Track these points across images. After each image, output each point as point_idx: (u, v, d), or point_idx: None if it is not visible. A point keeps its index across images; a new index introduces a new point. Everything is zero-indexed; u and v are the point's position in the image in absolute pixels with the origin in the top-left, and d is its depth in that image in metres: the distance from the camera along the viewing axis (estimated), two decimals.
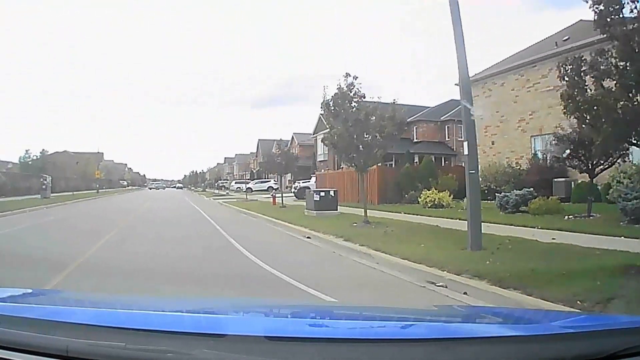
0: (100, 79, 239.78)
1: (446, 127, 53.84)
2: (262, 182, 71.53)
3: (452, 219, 17.48)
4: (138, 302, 3.40)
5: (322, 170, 53.24)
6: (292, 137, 77.87)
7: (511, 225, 14.52)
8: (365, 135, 16.47)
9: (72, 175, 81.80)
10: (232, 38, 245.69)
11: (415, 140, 52.90)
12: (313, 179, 44.25)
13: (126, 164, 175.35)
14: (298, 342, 1.84)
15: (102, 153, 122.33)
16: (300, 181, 46.58)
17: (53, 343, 1.81)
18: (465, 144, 10.62)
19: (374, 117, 16.55)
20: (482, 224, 11.20)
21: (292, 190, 44.92)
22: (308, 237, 14.72)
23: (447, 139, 53.94)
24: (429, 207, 23.09)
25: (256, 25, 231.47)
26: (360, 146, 16.59)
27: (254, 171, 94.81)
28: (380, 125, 16.41)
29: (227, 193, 65.24)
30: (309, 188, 42.41)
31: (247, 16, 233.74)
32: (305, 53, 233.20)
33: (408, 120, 54.07)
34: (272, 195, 33.62)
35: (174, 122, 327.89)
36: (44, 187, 44.37)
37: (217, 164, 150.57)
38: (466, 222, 15.50)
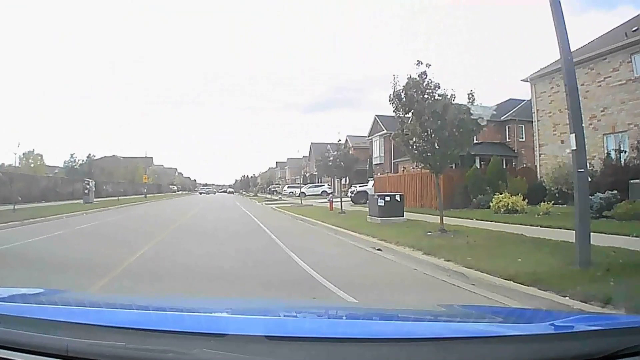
0: (151, 84, 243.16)
1: (507, 127, 51.44)
2: (315, 187, 70.57)
3: (532, 226, 16.04)
4: (138, 302, 3.38)
5: (378, 174, 51.87)
6: (346, 140, 76.10)
7: (602, 232, 12.74)
8: (441, 132, 14.68)
9: (120, 180, 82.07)
10: (286, 44, 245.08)
11: (475, 141, 50.57)
12: (370, 183, 42.73)
13: (176, 169, 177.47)
14: (298, 342, 1.85)
15: (152, 157, 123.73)
16: (357, 185, 45.02)
17: (53, 343, 1.82)
18: (572, 136, 9.03)
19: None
20: (569, 231, 9.89)
21: (349, 194, 43.59)
22: (379, 250, 13.24)
23: (507, 139, 51.66)
24: (501, 213, 21.52)
25: (308, 31, 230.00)
26: (436, 144, 14.86)
27: (307, 175, 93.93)
28: (459, 120, 14.59)
29: (280, 198, 64.34)
30: (367, 192, 41.15)
31: (296, 21, 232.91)
32: (355, 58, 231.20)
33: (502, 118, 52.43)
34: (329, 200, 32.31)
35: (225, 127, 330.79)
36: (86, 191, 43.66)
37: (269, 168, 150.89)
38: (551, 229, 14.29)
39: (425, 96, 14.88)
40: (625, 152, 24.57)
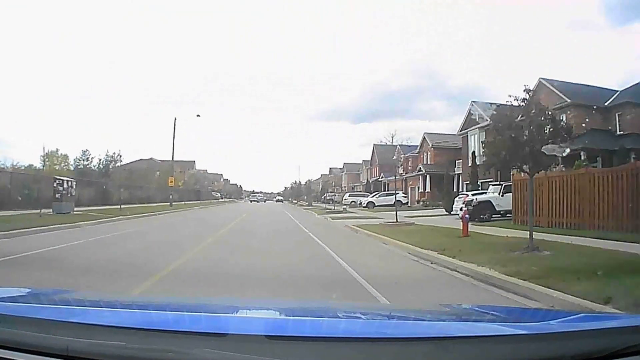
0: (199, 89, 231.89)
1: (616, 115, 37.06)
2: (387, 195, 56.32)
3: None
4: (138, 301, 3.55)
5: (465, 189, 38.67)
6: (424, 138, 62.29)
7: None
8: None
9: (149, 184, 69.08)
10: (340, 54, 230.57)
11: (619, 132, 35.93)
12: (492, 189, 28.95)
13: (222, 175, 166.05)
14: (298, 342, 1.82)
15: (194, 161, 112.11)
16: (468, 193, 31.06)
17: (53, 343, 1.79)
18: None
19: None
20: None
21: (458, 207, 29.98)
22: None
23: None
24: None
25: (362, 42, 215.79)
26: None
27: (371, 181, 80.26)
28: None
29: (345, 209, 49.87)
30: (491, 203, 27.38)
31: (348, 32, 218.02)
32: (404, 67, 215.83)
33: (606, 104, 38.14)
34: (462, 217, 18.26)
35: (275, 135, 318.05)
36: (58, 196, 29.61)
37: (321, 175, 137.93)
38: None
39: None
40: None
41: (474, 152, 39.96)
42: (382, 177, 75.77)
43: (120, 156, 73.84)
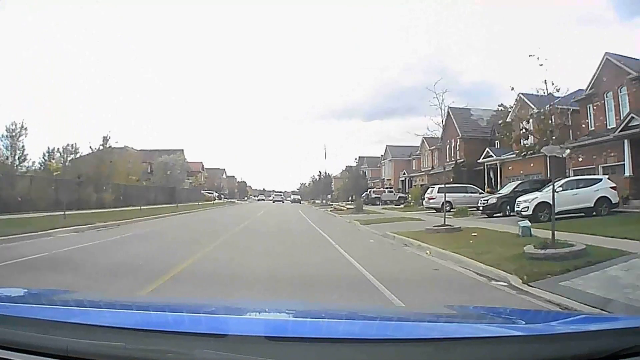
0: (213, 90, 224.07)
1: None
2: (578, 186, 21.60)
3: None
4: (138, 302, 3.46)
5: None
6: (605, 61, 28.72)
7: None
8: None
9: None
10: (353, 53, 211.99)
11: None
12: None
13: (224, 170, 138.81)
14: (298, 342, 1.80)
15: (182, 150, 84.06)
16: None
17: (53, 343, 1.76)
18: None
19: None
20: None
21: None
22: None
23: None
24: None
25: (370, 39, 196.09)
26: None
27: (460, 162, 46.06)
28: None
29: (526, 230, 16.69)
30: None
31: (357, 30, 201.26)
32: (416, 64, 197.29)
33: None
34: None
35: (286, 133, 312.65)
36: None
37: (346, 166, 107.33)
38: None
39: None
40: None
41: None
42: (490, 157, 43.64)
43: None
